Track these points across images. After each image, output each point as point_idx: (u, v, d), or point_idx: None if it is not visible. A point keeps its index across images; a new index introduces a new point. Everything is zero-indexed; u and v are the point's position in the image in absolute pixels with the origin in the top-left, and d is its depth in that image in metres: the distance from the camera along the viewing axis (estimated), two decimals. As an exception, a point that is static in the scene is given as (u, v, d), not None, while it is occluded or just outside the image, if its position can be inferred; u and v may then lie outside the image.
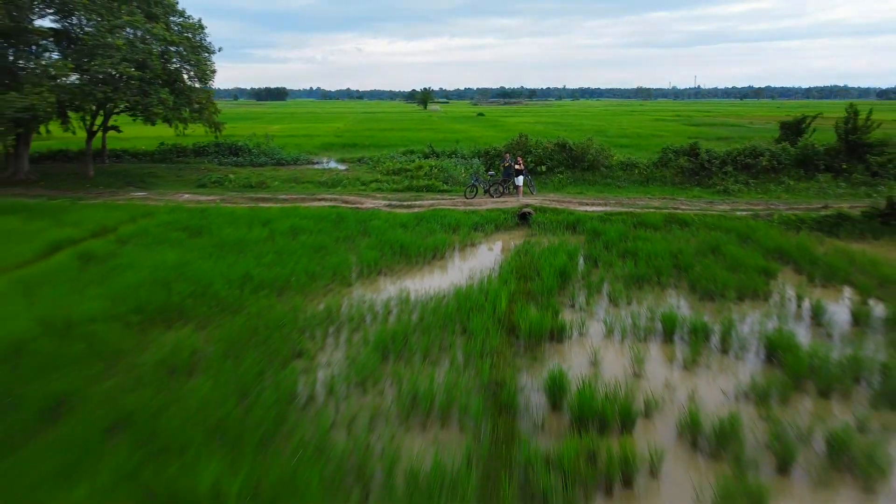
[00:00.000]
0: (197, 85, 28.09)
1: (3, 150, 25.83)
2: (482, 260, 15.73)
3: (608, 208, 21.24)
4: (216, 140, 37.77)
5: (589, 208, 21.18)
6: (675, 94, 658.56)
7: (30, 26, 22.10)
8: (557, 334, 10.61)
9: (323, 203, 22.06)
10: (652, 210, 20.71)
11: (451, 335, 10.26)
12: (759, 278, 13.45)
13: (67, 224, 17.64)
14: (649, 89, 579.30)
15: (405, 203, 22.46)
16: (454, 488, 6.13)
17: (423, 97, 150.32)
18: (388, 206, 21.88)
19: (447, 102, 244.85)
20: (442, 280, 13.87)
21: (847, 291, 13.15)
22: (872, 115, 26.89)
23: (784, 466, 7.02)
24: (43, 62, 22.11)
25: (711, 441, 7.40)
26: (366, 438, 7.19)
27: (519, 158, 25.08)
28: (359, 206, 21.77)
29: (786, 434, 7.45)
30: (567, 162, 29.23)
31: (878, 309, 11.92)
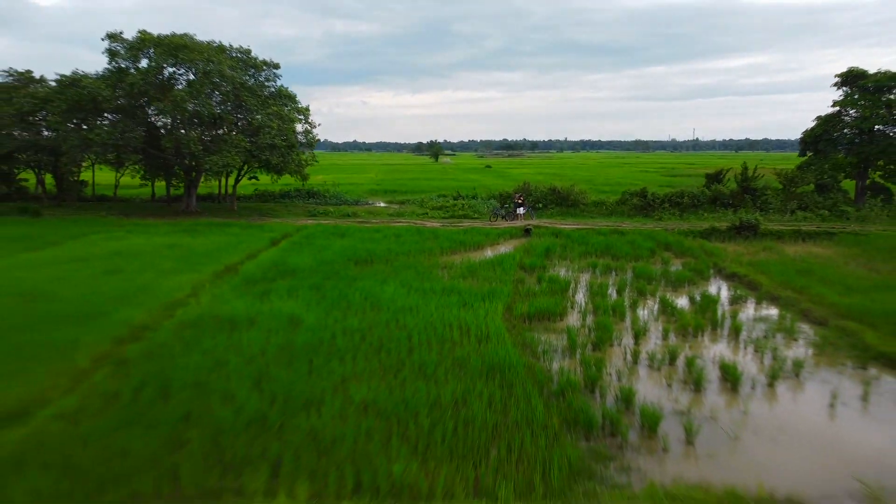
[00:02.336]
0: (307, 147, 41.61)
1: (182, 191, 39.39)
2: (504, 248, 28.87)
3: (579, 227, 34.48)
4: (298, 187, 51.40)
5: (568, 227, 34.42)
6: (674, 146, 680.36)
7: (224, 115, 35.89)
8: (542, 268, 23.65)
9: (401, 224, 35.35)
10: (605, 227, 33.97)
11: (495, 267, 23.25)
12: (647, 252, 26.57)
13: (266, 231, 30.92)
14: (647, 142, 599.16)
15: (453, 224, 35.78)
16: (497, 289, 19.06)
17: (435, 151, 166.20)
18: (443, 225, 35.19)
19: (455, 154, 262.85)
20: (484, 255, 26.98)
21: (690, 258, 26.18)
22: (758, 169, 40.34)
23: (621, 293, 20.01)
24: (231, 136, 35.82)
25: (595, 290, 20.34)
26: (469, 283, 20.10)
27: (522, 197, 38.52)
28: (424, 225, 35.06)
29: (624, 288, 20.44)
30: (556, 200, 42.66)
31: (699, 263, 24.93)
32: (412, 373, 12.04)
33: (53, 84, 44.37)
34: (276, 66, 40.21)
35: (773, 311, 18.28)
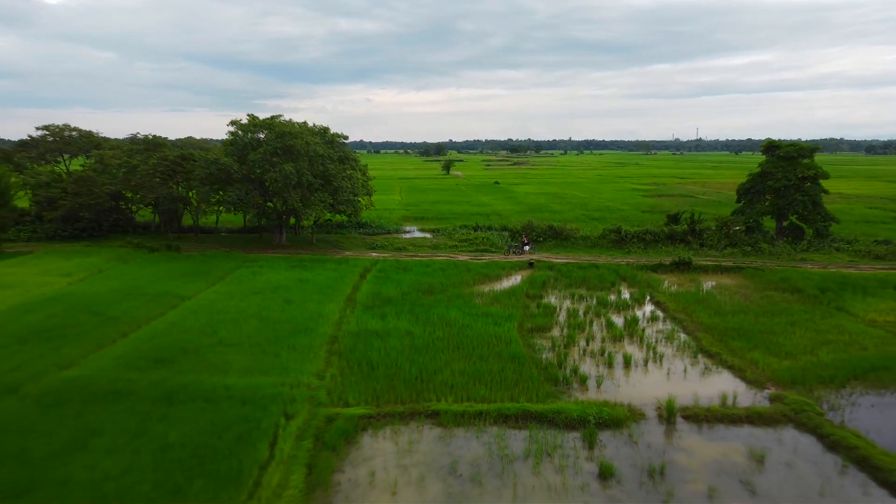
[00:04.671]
0: (366, 195, 55.77)
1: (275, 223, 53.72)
2: (515, 279, 42.97)
3: (568, 260, 48.57)
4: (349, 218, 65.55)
5: (560, 260, 48.51)
6: (677, 146, 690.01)
7: (314, 181, 50.09)
8: (539, 297, 37.75)
9: (441, 258, 49.49)
10: (586, 261, 48.08)
11: (510, 296, 37.30)
12: (609, 284, 40.70)
13: (352, 266, 45.10)
14: (647, 142, 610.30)
15: (477, 257, 49.95)
16: (512, 312, 33.22)
17: (446, 163, 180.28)
18: (471, 258, 49.34)
19: (462, 161, 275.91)
20: (502, 285, 41.08)
21: (636, 289, 40.22)
22: (702, 214, 54.23)
23: (586, 315, 34.13)
24: (319, 195, 50.03)
25: (570, 313, 34.41)
26: (496, 308, 34.16)
27: (527, 237, 52.70)
28: (457, 258, 49.21)
29: (588, 311, 34.54)
30: (553, 235, 56.74)
31: (640, 293, 38.97)
32: (476, 358, 26.23)
33: (172, 141, 58.84)
34: (345, 137, 54.44)
35: (669, 326, 32.37)
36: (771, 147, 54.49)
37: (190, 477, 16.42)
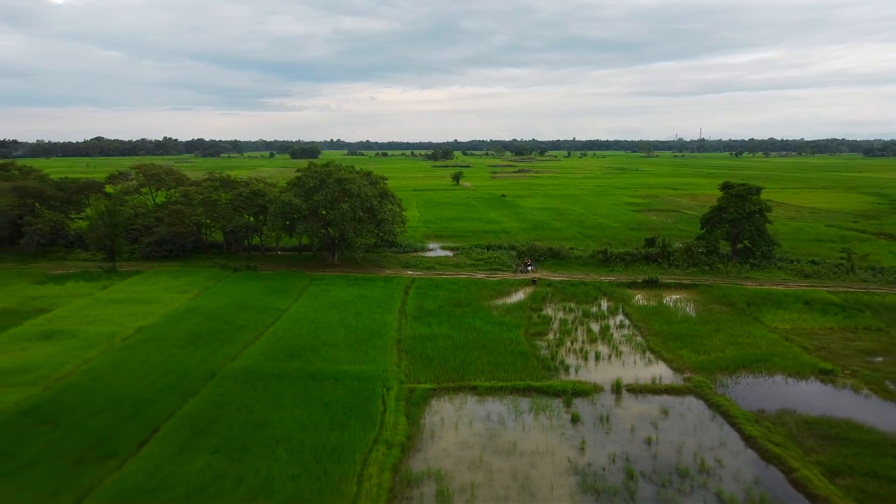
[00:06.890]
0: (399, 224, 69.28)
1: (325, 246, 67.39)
2: (521, 294, 56.40)
3: (563, 278, 61.98)
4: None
5: (556, 278, 61.93)
6: (680, 146, 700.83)
7: (360, 215, 63.60)
8: (539, 310, 51.20)
9: (463, 276, 62.96)
10: (577, 279, 61.50)
11: (518, 309, 50.72)
12: (592, 298, 54.15)
13: (396, 284, 58.58)
14: (650, 143, 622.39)
15: (491, 275, 63.45)
16: (520, 322, 46.66)
17: (457, 174, 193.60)
18: (486, 276, 62.83)
19: (469, 167, 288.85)
20: (511, 300, 54.53)
21: (612, 302, 53.60)
22: (672, 238, 67.48)
23: (573, 323, 47.60)
24: (368, 226, 63.59)
25: (562, 321, 47.84)
26: (508, 318, 47.55)
27: (530, 259, 66.24)
28: (475, 276, 62.68)
29: (575, 321, 48.00)
30: (552, 255, 70.17)
31: (614, 306, 52.39)
32: (497, 354, 39.71)
33: (241, 179, 72.49)
34: (385, 178, 67.99)
35: (630, 332, 45.69)
36: (726, 186, 67.86)
37: (347, 418, 30.02)
